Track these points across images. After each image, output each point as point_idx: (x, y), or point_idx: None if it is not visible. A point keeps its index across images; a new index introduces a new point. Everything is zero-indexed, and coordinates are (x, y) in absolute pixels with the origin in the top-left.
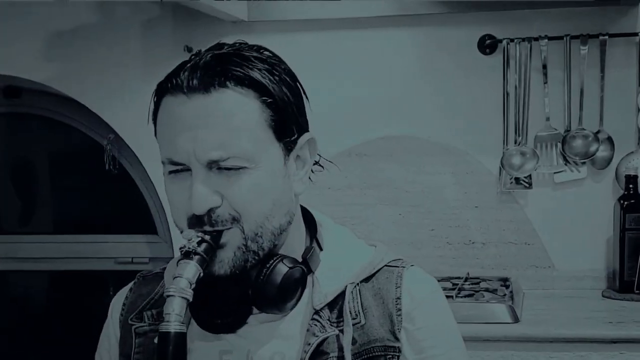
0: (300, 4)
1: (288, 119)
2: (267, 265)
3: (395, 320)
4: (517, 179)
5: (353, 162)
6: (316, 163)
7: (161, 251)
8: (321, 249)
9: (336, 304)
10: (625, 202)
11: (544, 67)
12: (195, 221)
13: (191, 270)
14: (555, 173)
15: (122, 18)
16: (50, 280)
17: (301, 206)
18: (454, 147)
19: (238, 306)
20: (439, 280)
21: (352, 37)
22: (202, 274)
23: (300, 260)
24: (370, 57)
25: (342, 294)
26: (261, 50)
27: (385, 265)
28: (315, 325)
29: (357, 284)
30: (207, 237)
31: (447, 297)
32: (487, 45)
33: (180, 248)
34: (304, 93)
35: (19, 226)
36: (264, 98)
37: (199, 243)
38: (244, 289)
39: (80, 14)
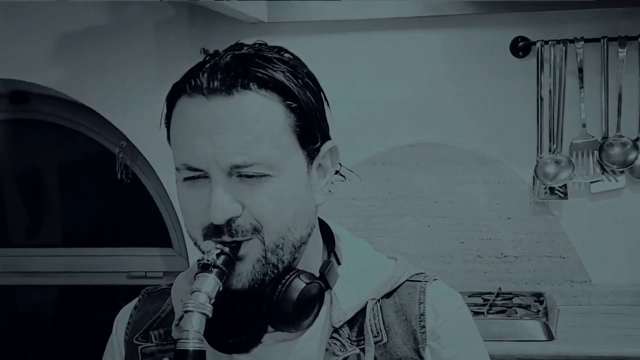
0: (323, 4)
1: (312, 125)
2: (283, 281)
3: (420, 338)
4: (551, 189)
5: (378, 171)
6: (336, 173)
7: (176, 265)
8: (339, 263)
9: (356, 321)
10: None
11: (580, 70)
12: (213, 231)
13: (210, 284)
14: (591, 182)
15: (134, 19)
16: (59, 296)
17: (318, 218)
18: (485, 155)
19: (252, 324)
20: (469, 296)
21: (377, 39)
22: (221, 288)
23: (317, 275)
24: (396, 60)
25: (362, 311)
26: (282, 52)
27: (407, 280)
28: (335, 344)
29: (378, 300)
30: (226, 249)
31: (478, 313)
32: (520, 47)
33: (198, 260)
34: (326, 98)
35: (27, 239)
36: (288, 102)
37: (218, 255)
38: (259, 305)
39: (91, 14)
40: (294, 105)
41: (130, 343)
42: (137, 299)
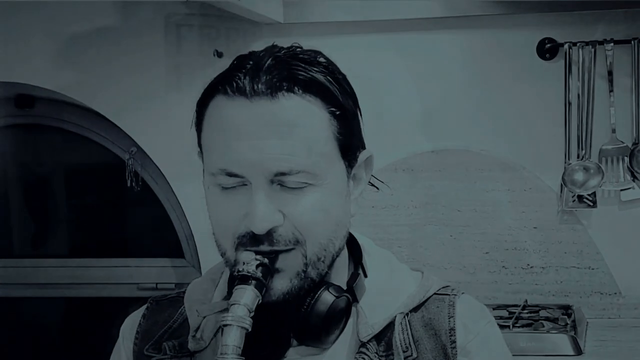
0: (341, 4)
1: (353, 133)
2: (312, 294)
3: (450, 354)
4: (579, 197)
5: (399, 177)
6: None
7: (188, 276)
8: (365, 276)
9: (384, 335)
10: None
11: (610, 73)
12: (250, 241)
13: (249, 296)
14: (622, 190)
15: (144, 20)
16: (66, 308)
17: None
18: (511, 162)
19: (276, 338)
20: (493, 308)
21: (397, 41)
22: (260, 301)
23: (344, 287)
24: (417, 63)
25: (389, 326)
26: (317, 56)
27: (435, 294)
28: (363, 359)
29: (407, 314)
30: (265, 261)
31: (504, 326)
32: (547, 49)
33: (238, 271)
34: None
35: (33, 249)
36: (331, 108)
37: (257, 266)
38: (285, 319)
39: (99, 15)
40: (337, 112)
41: (140, 354)
42: (144, 307)
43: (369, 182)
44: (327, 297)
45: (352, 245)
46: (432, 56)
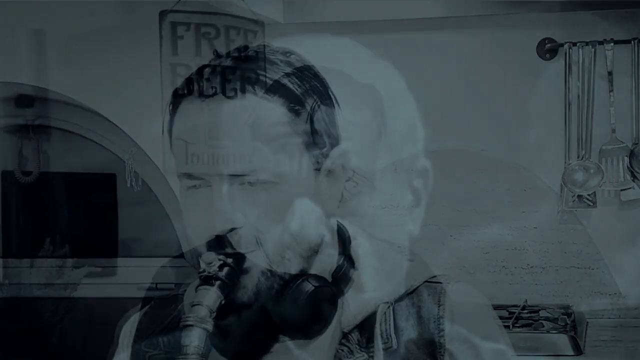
0: (341, 4)
1: (319, 130)
2: (291, 285)
3: (438, 342)
4: (579, 197)
5: (399, 177)
6: (349, 180)
7: (188, 276)
8: (354, 267)
9: (368, 326)
10: None
11: (610, 73)
12: (215, 243)
13: (211, 297)
14: (622, 190)
15: (143, 20)
16: (66, 309)
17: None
18: (510, 162)
19: (261, 332)
20: (493, 309)
21: (396, 40)
22: (223, 301)
23: (330, 279)
24: (416, 63)
25: (374, 316)
26: (288, 54)
27: (426, 282)
28: (342, 350)
29: (392, 303)
30: (229, 261)
31: (503, 326)
32: (547, 49)
33: (200, 273)
34: (336, 102)
35: (32, 249)
36: (292, 105)
37: (220, 267)
38: (267, 312)
39: (98, 15)
40: (298, 108)
41: (137, 351)
42: (147, 305)
43: (352, 179)
44: (304, 287)
45: (343, 237)
46: (432, 56)
